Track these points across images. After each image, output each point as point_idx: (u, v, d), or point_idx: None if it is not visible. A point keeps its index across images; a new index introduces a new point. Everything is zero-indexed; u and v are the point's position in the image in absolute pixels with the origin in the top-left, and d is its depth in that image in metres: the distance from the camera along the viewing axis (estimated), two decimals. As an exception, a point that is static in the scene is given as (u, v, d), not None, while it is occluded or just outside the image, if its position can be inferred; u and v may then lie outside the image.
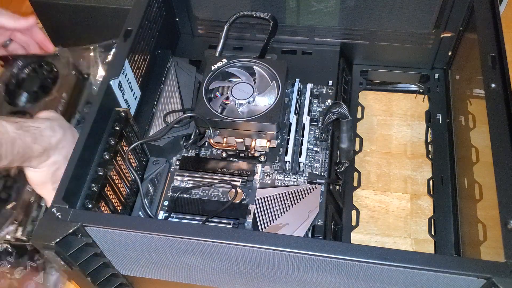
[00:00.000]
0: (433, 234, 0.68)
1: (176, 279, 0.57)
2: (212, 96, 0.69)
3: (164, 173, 0.68)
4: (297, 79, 0.74)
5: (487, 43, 0.59)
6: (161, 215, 0.64)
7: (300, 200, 0.63)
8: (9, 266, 0.69)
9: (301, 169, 0.67)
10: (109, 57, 0.79)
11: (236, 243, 0.45)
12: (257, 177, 0.66)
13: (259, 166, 0.67)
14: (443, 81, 0.80)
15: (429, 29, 0.75)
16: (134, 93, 0.66)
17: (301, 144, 0.67)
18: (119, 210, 0.62)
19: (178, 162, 0.69)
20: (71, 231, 0.46)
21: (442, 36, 0.76)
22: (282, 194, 0.64)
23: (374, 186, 0.74)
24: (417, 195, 0.72)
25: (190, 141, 0.69)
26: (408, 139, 0.78)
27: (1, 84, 0.81)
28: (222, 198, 0.65)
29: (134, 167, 0.66)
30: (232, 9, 0.75)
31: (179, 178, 0.67)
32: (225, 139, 0.67)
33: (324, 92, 0.75)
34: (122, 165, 0.63)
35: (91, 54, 0.80)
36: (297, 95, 0.72)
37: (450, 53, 0.78)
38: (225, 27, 0.75)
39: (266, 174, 0.67)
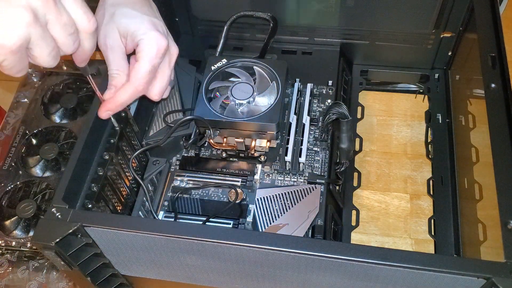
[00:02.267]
0: (433, 234, 0.68)
1: (176, 279, 0.57)
2: (212, 96, 0.69)
3: (164, 173, 0.68)
4: (297, 79, 0.74)
5: (487, 43, 0.59)
6: (161, 215, 0.64)
7: (300, 200, 0.63)
8: (11, 266, 0.69)
9: (301, 169, 0.67)
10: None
11: (236, 243, 0.45)
12: (257, 177, 0.66)
13: (259, 166, 0.67)
14: (443, 81, 0.80)
15: (429, 29, 0.75)
16: (134, 93, 0.66)
17: (301, 144, 0.67)
18: (119, 210, 0.62)
19: (178, 162, 0.69)
20: (71, 231, 0.46)
21: (442, 36, 0.76)
22: (282, 194, 0.64)
23: (374, 186, 0.74)
24: (417, 195, 0.72)
25: (190, 141, 0.69)
26: (408, 139, 0.78)
27: (38, 97, 0.84)
28: (222, 198, 0.65)
29: (134, 167, 0.66)
30: (232, 9, 0.75)
31: (179, 178, 0.67)
32: (225, 139, 0.67)
33: (324, 92, 0.75)
34: (122, 165, 0.63)
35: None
36: (297, 95, 0.72)
37: (450, 53, 0.78)
38: (225, 27, 0.75)
39: (266, 174, 0.67)
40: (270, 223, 0.61)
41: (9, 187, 0.74)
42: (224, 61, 0.69)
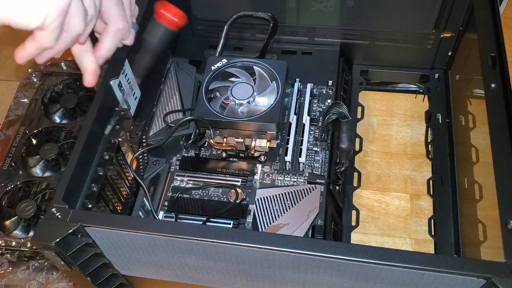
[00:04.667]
0: (433, 234, 0.68)
1: (176, 279, 0.57)
2: (212, 96, 0.69)
3: (164, 173, 0.68)
4: (297, 79, 0.74)
5: (487, 43, 0.59)
6: (161, 215, 0.64)
7: (300, 200, 0.63)
8: (11, 266, 0.69)
9: (301, 169, 0.67)
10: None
11: (236, 243, 0.45)
12: (257, 177, 0.66)
13: (259, 166, 0.67)
14: (443, 81, 0.80)
15: (429, 29, 0.75)
16: (134, 93, 0.66)
17: (301, 144, 0.67)
18: (119, 210, 0.62)
19: (178, 162, 0.69)
20: (71, 231, 0.46)
21: (442, 36, 0.76)
22: (282, 194, 0.64)
23: (374, 186, 0.74)
24: (417, 195, 0.72)
25: (190, 141, 0.69)
26: (408, 139, 0.78)
27: (38, 97, 0.84)
28: (222, 198, 0.65)
29: (134, 168, 0.66)
30: (232, 9, 0.75)
31: (179, 178, 0.67)
32: (225, 139, 0.67)
33: (324, 92, 0.75)
34: (122, 165, 0.63)
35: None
36: (297, 95, 0.72)
37: (450, 53, 0.78)
38: (225, 27, 0.75)
39: (266, 174, 0.67)
40: (270, 223, 0.61)
41: (9, 187, 0.74)
42: (224, 61, 0.69)
